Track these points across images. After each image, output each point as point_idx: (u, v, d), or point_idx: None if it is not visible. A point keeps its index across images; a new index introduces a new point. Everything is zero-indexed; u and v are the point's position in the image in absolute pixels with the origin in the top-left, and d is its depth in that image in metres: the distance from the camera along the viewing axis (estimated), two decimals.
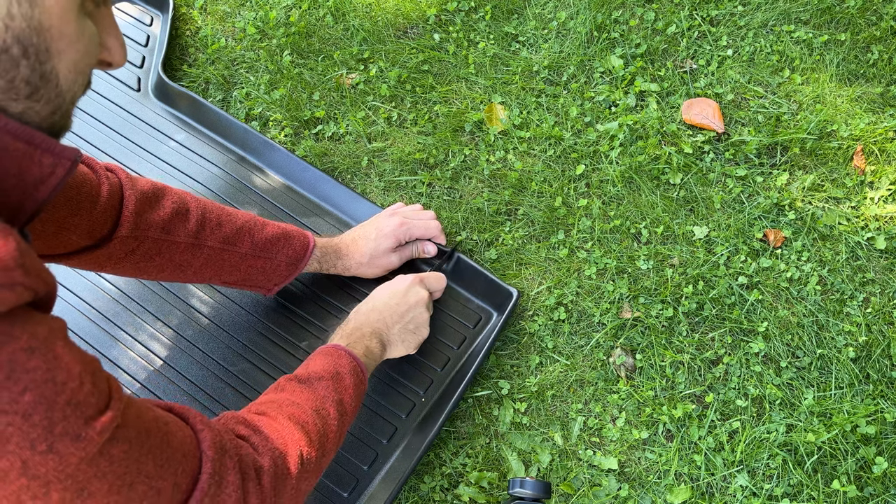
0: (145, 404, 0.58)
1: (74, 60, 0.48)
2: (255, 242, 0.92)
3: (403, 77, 1.26)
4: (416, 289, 0.97)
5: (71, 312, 1.06)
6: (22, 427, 0.45)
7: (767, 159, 1.16)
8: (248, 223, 0.92)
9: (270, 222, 0.95)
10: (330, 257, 1.01)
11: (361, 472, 0.94)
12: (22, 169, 0.47)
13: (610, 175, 1.15)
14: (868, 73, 1.23)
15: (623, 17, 1.30)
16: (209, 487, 0.57)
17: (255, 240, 0.92)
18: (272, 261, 0.94)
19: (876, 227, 1.10)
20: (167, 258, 0.86)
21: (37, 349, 0.46)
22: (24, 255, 0.44)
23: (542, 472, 0.96)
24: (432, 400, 0.99)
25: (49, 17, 0.44)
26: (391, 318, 0.93)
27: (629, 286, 1.07)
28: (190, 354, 1.03)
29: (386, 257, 1.04)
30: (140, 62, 1.30)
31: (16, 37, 0.43)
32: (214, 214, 0.89)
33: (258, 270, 0.94)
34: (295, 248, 0.96)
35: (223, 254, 0.90)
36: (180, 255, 0.87)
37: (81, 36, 0.47)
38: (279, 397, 0.75)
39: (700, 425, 0.97)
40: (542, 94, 1.24)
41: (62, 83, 0.48)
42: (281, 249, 0.94)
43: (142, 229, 0.82)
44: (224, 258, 0.90)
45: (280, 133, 1.23)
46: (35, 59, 0.45)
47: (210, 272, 0.91)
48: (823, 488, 0.93)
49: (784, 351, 1.02)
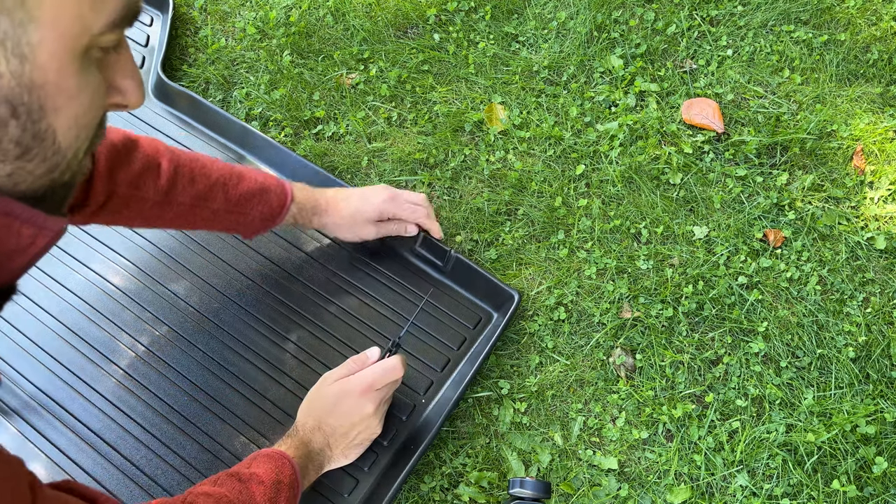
0: (60, 501, 0.52)
1: (76, 115, 0.43)
2: (229, 198, 0.89)
3: (403, 77, 1.26)
4: (364, 403, 0.87)
5: (71, 312, 1.06)
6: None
7: (767, 159, 1.16)
8: (222, 178, 0.89)
9: (248, 174, 0.92)
10: (307, 212, 0.99)
11: (361, 472, 0.94)
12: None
13: (610, 175, 1.15)
14: (868, 73, 1.23)
15: (623, 17, 1.30)
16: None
17: (228, 196, 0.89)
18: (246, 216, 0.92)
19: (876, 227, 1.10)
20: (136, 212, 0.84)
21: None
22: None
23: (542, 472, 0.96)
24: (433, 401, 0.99)
25: (43, 74, 0.39)
26: (334, 440, 0.87)
27: (629, 286, 1.07)
28: (183, 349, 1.03)
29: (364, 226, 1.02)
30: (140, 62, 1.30)
31: (3, 96, 0.39)
32: (187, 169, 0.86)
33: (232, 223, 0.93)
34: (271, 204, 0.93)
35: (195, 209, 0.88)
36: (150, 211, 0.85)
37: (84, 89, 0.43)
38: (214, 491, 0.72)
39: (700, 425, 0.97)
40: (542, 94, 1.24)
41: (60, 140, 0.43)
42: (255, 206, 0.92)
43: (111, 186, 0.79)
44: (196, 213, 0.88)
45: (280, 133, 1.23)
46: (27, 119, 0.41)
47: (181, 224, 0.90)
48: (823, 488, 0.93)
49: (784, 351, 1.02)
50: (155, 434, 0.97)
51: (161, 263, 1.10)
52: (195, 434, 0.97)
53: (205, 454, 0.96)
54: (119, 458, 0.96)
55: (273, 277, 1.08)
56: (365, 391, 0.87)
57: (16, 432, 0.97)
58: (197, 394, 1.00)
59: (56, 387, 1.00)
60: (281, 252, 1.11)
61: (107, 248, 1.11)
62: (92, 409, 0.99)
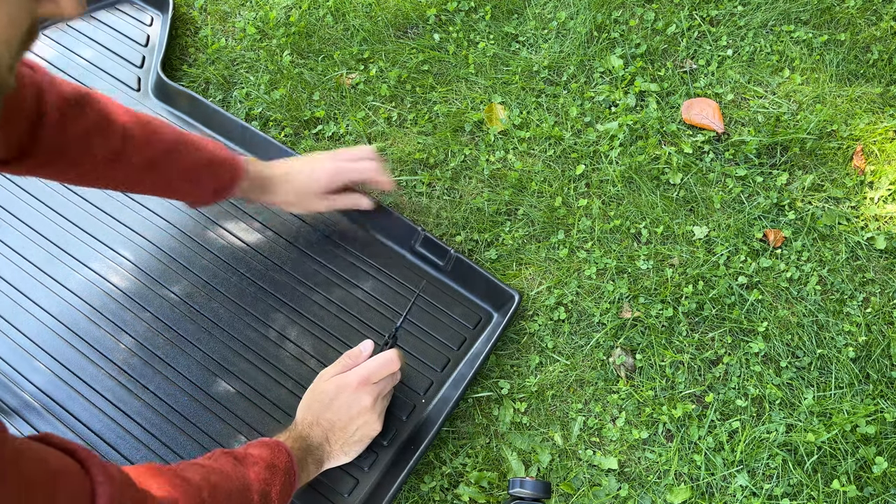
0: (32, 451, 0.50)
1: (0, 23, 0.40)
2: (181, 168, 0.89)
3: (403, 77, 1.26)
4: (361, 397, 0.87)
5: (71, 312, 1.06)
6: None
7: (767, 159, 1.16)
8: (176, 144, 0.87)
9: (202, 144, 0.91)
10: (256, 190, 0.99)
11: (361, 472, 0.94)
12: None
13: (610, 175, 1.15)
14: (868, 73, 1.23)
15: (623, 17, 1.30)
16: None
17: (180, 164, 0.88)
18: (198, 186, 0.92)
19: (876, 227, 1.10)
20: (86, 169, 0.83)
21: None
22: None
23: (542, 472, 0.96)
24: (433, 401, 0.99)
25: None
26: (333, 435, 0.87)
27: (629, 286, 1.07)
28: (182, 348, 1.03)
29: (313, 201, 1.03)
30: (140, 62, 1.30)
31: None
32: (141, 131, 0.84)
33: (184, 192, 0.93)
34: (222, 178, 0.93)
35: (145, 172, 0.87)
36: (101, 169, 0.84)
37: None
38: (207, 464, 0.71)
39: (700, 425, 0.97)
40: (542, 94, 1.24)
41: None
42: (206, 177, 0.92)
43: (60, 139, 0.78)
44: (146, 177, 0.87)
45: (280, 133, 1.23)
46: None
47: (130, 186, 0.89)
48: (823, 488, 0.93)
49: (784, 351, 1.02)
50: (155, 434, 0.97)
51: (161, 263, 1.10)
52: (195, 434, 0.97)
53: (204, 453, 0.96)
54: (119, 458, 0.96)
55: (272, 277, 1.08)
56: (361, 384, 0.87)
57: (16, 432, 0.97)
58: (197, 393, 1.00)
59: (56, 387, 1.00)
60: (281, 251, 1.11)
61: (107, 247, 1.11)
62: (92, 409, 0.99)
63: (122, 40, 1.33)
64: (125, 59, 1.31)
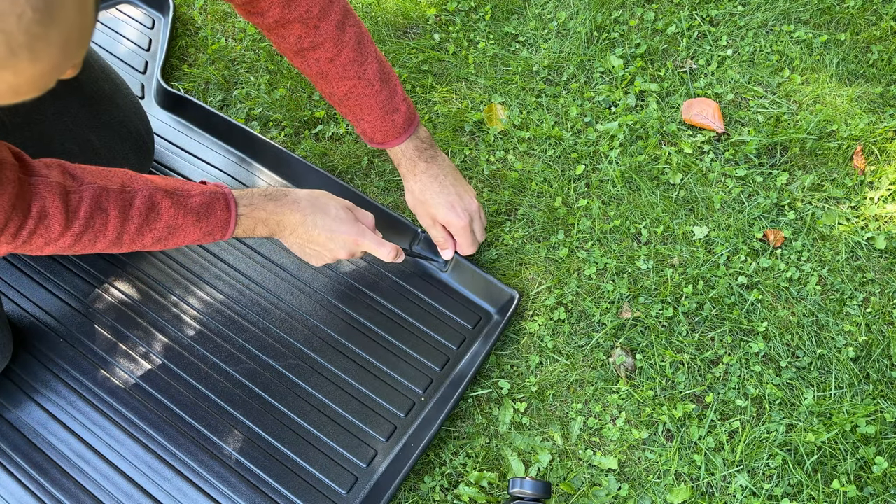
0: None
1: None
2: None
3: (403, 77, 1.26)
4: (341, 246, 0.94)
5: (74, 316, 1.06)
6: None
7: (767, 159, 1.16)
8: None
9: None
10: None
11: (360, 470, 0.94)
12: None
13: (610, 175, 1.15)
14: (868, 73, 1.23)
15: (623, 17, 1.30)
16: None
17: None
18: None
19: (876, 227, 1.10)
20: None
21: None
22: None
23: (542, 472, 0.96)
24: (432, 400, 0.99)
25: None
26: (296, 232, 0.92)
27: (629, 286, 1.07)
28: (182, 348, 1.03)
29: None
30: (143, 68, 1.30)
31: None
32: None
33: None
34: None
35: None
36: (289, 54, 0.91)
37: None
38: (128, 174, 0.80)
39: (700, 425, 0.97)
40: (542, 94, 1.24)
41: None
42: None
43: None
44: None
45: (280, 133, 1.24)
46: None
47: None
48: (823, 488, 0.93)
49: (784, 351, 1.02)
50: (156, 436, 0.97)
51: (161, 264, 1.10)
52: (199, 438, 0.97)
53: (204, 453, 0.96)
54: (119, 459, 0.96)
55: (276, 279, 1.09)
56: (351, 242, 0.94)
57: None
58: (197, 393, 1.00)
59: (56, 386, 1.01)
60: (282, 253, 1.11)
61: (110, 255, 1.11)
62: (93, 409, 0.99)
63: (126, 44, 1.33)
64: (129, 64, 1.31)
